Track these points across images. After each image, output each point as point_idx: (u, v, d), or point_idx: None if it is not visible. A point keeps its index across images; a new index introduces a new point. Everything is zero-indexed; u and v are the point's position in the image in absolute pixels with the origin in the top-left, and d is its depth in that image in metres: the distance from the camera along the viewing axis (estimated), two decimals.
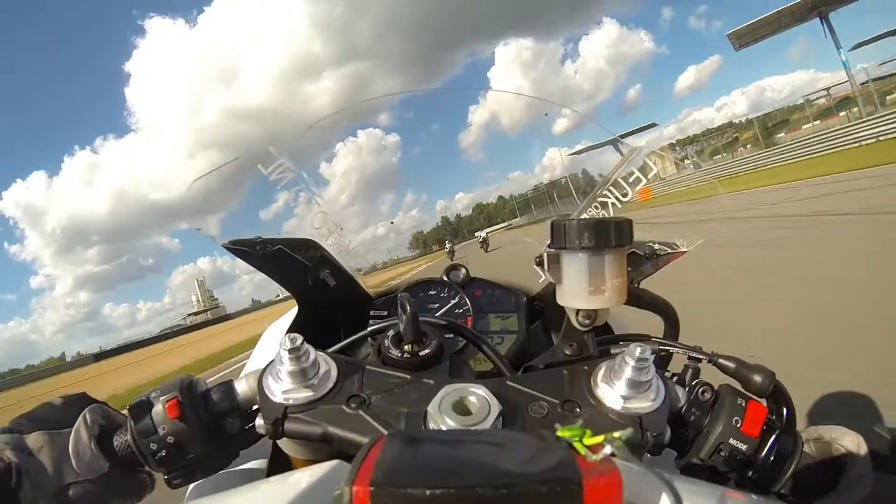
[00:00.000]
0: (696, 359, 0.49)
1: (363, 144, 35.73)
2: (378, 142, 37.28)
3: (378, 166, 39.14)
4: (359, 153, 36.84)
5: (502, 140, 22.93)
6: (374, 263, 0.79)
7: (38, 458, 0.41)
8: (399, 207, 18.71)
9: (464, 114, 38.94)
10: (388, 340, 0.50)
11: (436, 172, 41.09)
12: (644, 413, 0.40)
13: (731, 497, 0.31)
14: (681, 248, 0.63)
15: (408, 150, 41.51)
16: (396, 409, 0.40)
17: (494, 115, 34.56)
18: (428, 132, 40.49)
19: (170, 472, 0.43)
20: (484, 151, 38.90)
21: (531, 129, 1.19)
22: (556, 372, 0.45)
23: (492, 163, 16.01)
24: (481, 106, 36.77)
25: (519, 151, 3.32)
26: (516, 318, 0.82)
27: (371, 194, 12.83)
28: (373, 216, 2.67)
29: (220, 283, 31.06)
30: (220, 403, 0.45)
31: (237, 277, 14.34)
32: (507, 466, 0.24)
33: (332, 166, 22.64)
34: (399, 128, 38.23)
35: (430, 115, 37.29)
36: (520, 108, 1.00)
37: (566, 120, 8.81)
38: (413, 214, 19.34)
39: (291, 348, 0.41)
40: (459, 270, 0.87)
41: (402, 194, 24.72)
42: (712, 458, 0.42)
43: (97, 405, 0.47)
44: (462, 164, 51.43)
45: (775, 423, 0.44)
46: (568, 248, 0.44)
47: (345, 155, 37.01)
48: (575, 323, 0.49)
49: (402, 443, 0.27)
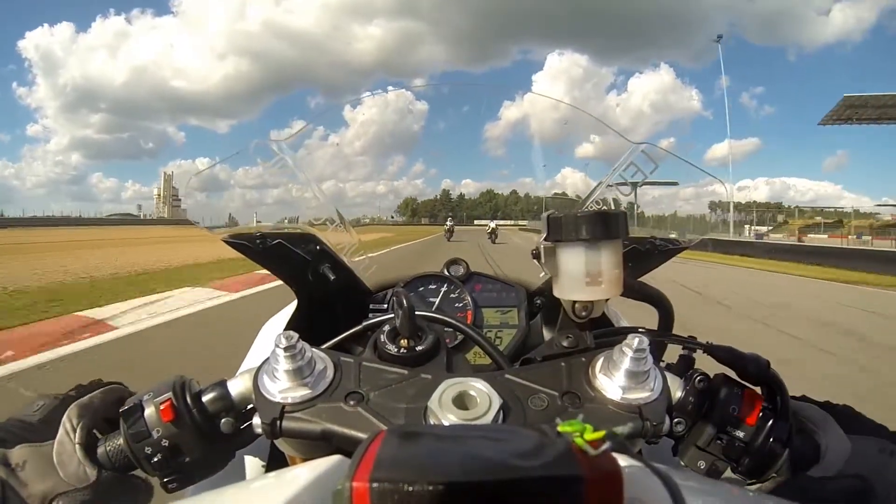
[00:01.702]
0: (691, 349, 0.50)
1: (391, 101, 34.72)
2: (406, 104, 36.13)
3: (399, 127, 37.88)
4: (385, 108, 35.73)
5: (526, 144, 22.35)
6: (359, 217, 0.79)
7: (24, 473, 0.40)
8: (405, 173, 18.23)
9: (497, 105, 38.72)
10: (384, 336, 0.50)
11: (452, 152, 40.39)
12: (643, 403, 0.40)
13: (730, 492, 0.32)
14: (680, 244, 0.64)
15: (432, 121, 41.04)
16: (395, 405, 0.40)
17: (526, 117, 33.96)
18: (457, 111, 39.74)
19: (165, 477, 0.43)
20: (504, 148, 38.45)
21: (556, 144, 1.20)
22: (554, 364, 0.46)
23: (508, 161, 15.71)
24: (516, 104, 35.97)
25: (537, 160, 3.25)
26: (516, 312, 0.82)
27: (383, 151, 12.32)
28: (378, 171, 2.60)
29: (212, 187, 28.71)
30: (214, 404, 0.44)
31: (230, 187, 13.15)
32: (508, 461, 0.24)
33: (355, 112, 22.27)
34: (431, 97, 36.90)
35: (465, 97, 36.37)
36: (551, 119, 0.99)
37: (592, 146, 8.56)
38: (417, 183, 18.67)
39: (287, 346, 0.40)
40: (459, 265, 0.87)
41: (413, 162, 23.86)
42: (710, 447, 0.42)
43: (76, 405, 0.44)
44: (479, 153, 51.87)
45: (771, 410, 0.45)
46: (564, 241, 0.45)
47: (370, 106, 36.45)
48: (571, 315, 0.49)
49: (402, 438, 0.27)
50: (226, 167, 0.72)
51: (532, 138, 1.11)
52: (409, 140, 1.98)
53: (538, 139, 1.08)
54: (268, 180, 0.71)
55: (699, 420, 0.43)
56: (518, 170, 1.62)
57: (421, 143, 1.82)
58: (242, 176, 0.78)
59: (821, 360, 4.38)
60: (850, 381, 3.81)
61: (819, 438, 0.44)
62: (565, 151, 1.07)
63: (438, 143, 1.79)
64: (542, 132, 1.04)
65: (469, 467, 0.23)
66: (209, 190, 0.89)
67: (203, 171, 0.74)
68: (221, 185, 0.89)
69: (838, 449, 0.42)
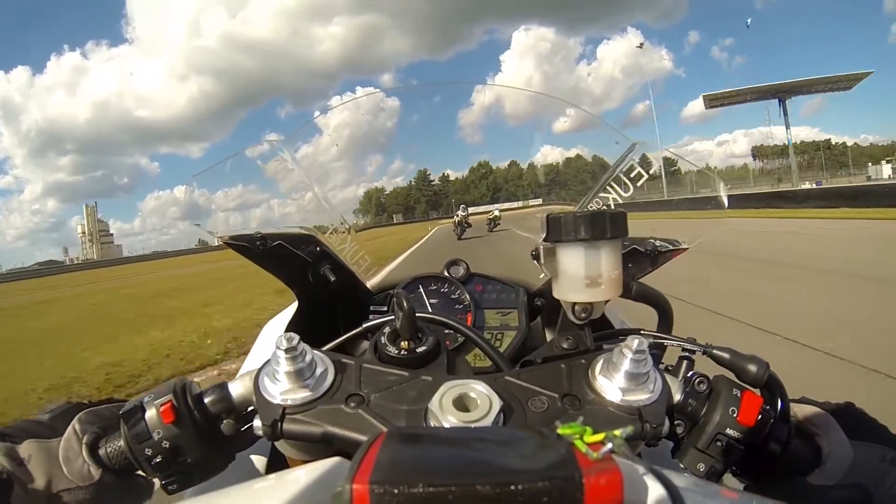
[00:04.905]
0: (691, 350, 0.50)
1: (362, 102, 34.55)
2: (377, 102, 35.50)
3: (373, 127, 36.97)
4: (356, 110, 35.39)
5: (502, 127, 22.11)
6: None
7: (30, 466, 0.41)
8: (384, 172, 17.72)
9: (468, 92, 37.97)
10: (384, 337, 0.50)
11: (429, 144, 39.31)
12: (643, 405, 0.40)
13: (730, 496, 0.32)
14: (681, 246, 0.63)
15: (406, 116, 40.16)
16: (396, 407, 0.40)
17: (499, 100, 33.44)
18: (428, 103, 39.70)
19: (166, 478, 0.43)
20: (481, 133, 37.48)
21: (532, 123, 1.13)
22: (553, 366, 0.45)
23: (486, 146, 15.04)
24: (488, 88, 35.62)
25: (516, 142, 3.10)
26: (517, 314, 0.82)
27: (360, 153, 12.01)
28: (357, 175, 2.47)
29: (194, 215, 25.89)
30: (215, 406, 0.44)
31: (212, 212, 12.17)
32: (508, 464, 0.24)
33: (327, 118, 21.51)
34: (402, 93, 36.56)
35: (435, 88, 36.08)
36: (526, 99, 0.99)
37: (568, 120, 8.67)
38: (397, 182, 17.66)
39: (288, 348, 0.40)
40: (460, 266, 0.87)
41: (391, 159, 22.98)
42: (709, 449, 0.42)
43: (87, 411, 0.46)
44: (456, 142, 50.91)
45: (770, 412, 0.45)
46: (563, 241, 0.45)
47: (341, 110, 35.77)
48: (571, 316, 0.49)
49: (402, 440, 0.27)
50: (225, 169, 0.72)
51: (507, 121, 1.10)
52: (385, 138, 1.88)
53: (514, 120, 1.07)
54: (266, 184, 0.71)
55: (698, 422, 0.43)
56: (497, 152, 1.56)
57: (397, 139, 1.75)
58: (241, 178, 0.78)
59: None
60: None
61: (821, 442, 0.44)
62: (542, 129, 1.06)
63: (415, 137, 1.72)
64: (517, 113, 1.03)
65: (469, 470, 0.23)
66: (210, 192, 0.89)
67: (202, 171, 0.74)
68: (221, 186, 0.90)
69: (840, 455, 0.42)
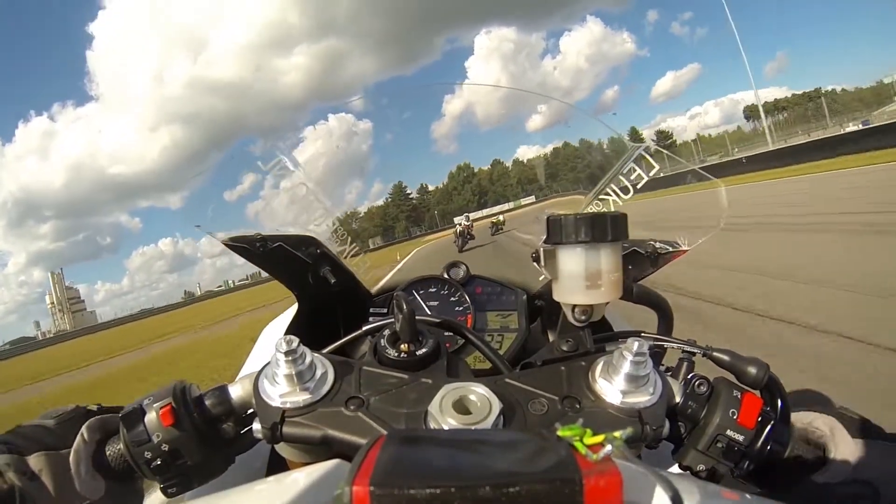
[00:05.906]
0: (691, 353, 0.50)
1: (334, 128, 34.54)
2: (349, 126, 35.54)
3: (348, 152, 37.24)
4: (329, 138, 35.24)
5: (475, 133, 21.86)
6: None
7: (40, 480, 0.40)
8: (365, 197, 17.57)
9: (438, 103, 37.33)
10: (384, 340, 0.50)
11: (406, 161, 39.35)
12: (643, 407, 0.40)
13: (730, 497, 0.32)
14: (682, 247, 0.63)
15: (379, 137, 39.75)
16: (396, 410, 0.40)
17: (469, 106, 33.18)
18: (400, 120, 39.39)
19: (165, 481, 0.43)
20: (456, 143, 37.59)
21: (505, 125, 1.09)
22: (553, 368, 0.45)
23: (463, 152, 15.47)
24: (457, 96, 34.93)
25: (491, 146, 2.97)
26: (517, 316, 0.82)
27: (338, 181, 11.77)
28: (338, 203, 2.42)
29: (181, 266, 25.89)
30: (214, 408, 0.44)
31: (198, 261, 12.39)
32: (508, 466, 0.24)
33: (301, 149, 21.50)
34: (372, 114, 36.27)
35: (405, 103, 35.97)
36: (496, 100, 0.98)
37: (541, 117, 8.51)
38: (379, 204, 17.59)
39: (287, 350, 0.40)
40: (459, 268, 0.87)
41: (370, 183, 22.89)
42: (710, 450, 0.42)
43: (96, 419, 0.46)
44: (432, 154, 50.91)
45: (770, 414, 0.45)
46: (564, 243, 0.45)
47: (314, 140, 35.66)
48: (571, 319, 0.49)
49: (402, 442, 0.27)
50: (225, 171, 0.72)
51: (479, 125, 1.10)
52: (362, 161, 1.84)
53: (487, 123, 1.06)
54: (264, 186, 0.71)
55: (699, 423, 0.43)
56: (474, 160, 1.53)
57: (373, 161, 1.71)
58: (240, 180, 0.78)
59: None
60: None
61: (825, 442, 0.44)
62: (517, 128, 1.05)
63: (390, 156, 1.70)
64: (489, 115, 1.02)
65: (468, 472, 0.23)
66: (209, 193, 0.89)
67: (201, 172, 0.74)
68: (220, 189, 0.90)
69: (845, 454, 0.42)
